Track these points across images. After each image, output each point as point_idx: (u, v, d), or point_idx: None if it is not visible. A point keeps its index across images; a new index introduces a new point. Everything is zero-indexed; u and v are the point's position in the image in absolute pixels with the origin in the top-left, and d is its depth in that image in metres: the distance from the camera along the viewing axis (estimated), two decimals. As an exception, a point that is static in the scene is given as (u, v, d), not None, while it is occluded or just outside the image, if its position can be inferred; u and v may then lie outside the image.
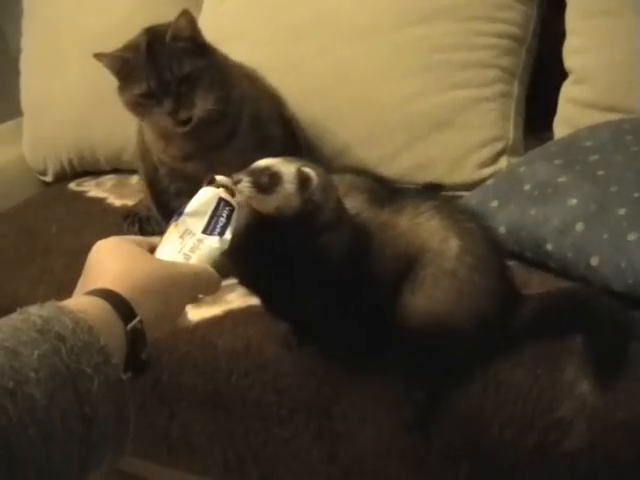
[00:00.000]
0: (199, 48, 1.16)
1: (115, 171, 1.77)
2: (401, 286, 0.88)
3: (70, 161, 1.80)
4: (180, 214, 0.72)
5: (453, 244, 0.87)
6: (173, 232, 0.71)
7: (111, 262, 0.63)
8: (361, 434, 0.96)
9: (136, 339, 0.57)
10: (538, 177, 1.07)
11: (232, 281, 1.10)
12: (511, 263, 0.99)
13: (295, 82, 1.46)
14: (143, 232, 1.39)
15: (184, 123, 1.15)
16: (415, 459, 0.94)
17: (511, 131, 1.38)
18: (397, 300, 0.88)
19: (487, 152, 1.36)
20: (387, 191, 1.00)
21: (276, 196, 0.81)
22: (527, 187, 1.07)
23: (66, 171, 1.82)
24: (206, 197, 0.73)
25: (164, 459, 1.17)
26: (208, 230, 0.71)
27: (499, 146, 1.36)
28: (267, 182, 0.80)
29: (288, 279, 0.87)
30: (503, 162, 1.35)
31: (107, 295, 0.57)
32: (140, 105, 1.17)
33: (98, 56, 1.15)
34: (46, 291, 1.23)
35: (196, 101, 1.15)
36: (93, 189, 1.71)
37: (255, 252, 0.87)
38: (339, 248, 0.87)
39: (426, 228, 0.88)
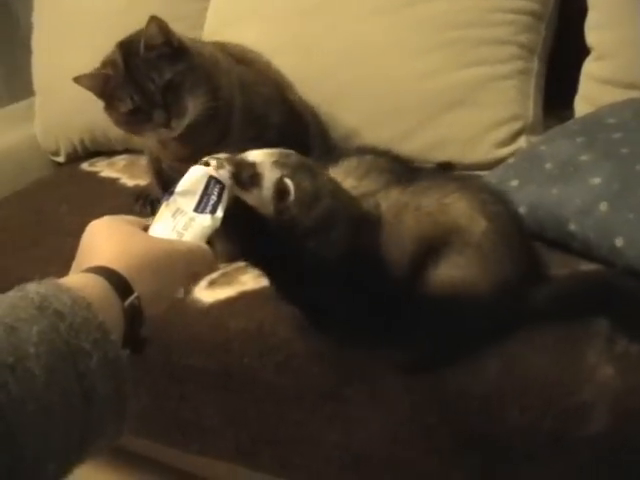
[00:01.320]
0: (176, 52, 1.12)
1: (127, 151, 1.75)
2: (424, 264, 0.86)
3: (82, 141, 1.79)
4: (171, 193, 0.71)
5: (481, 223, 0.86)
6: (165, 211, 0.70)
7: (106, 241, 0.62)
8: (374, 418, 0.95)
9: (134, 316, 0.57)
10: (559, 156, 1.04)
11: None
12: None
13: (306, 61, 1.44)
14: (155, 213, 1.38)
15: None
16: (429, 443, 0.92)
17: (530, 109, 1.34)
18: (417, 277, 0.86)
19: (505, 131, 1.33)
20: (406, 170, 0.98)
21: (252, 196, 0.80)
22: (548, 166, 1.04)
23: (78, 151, 1.82)
24: (196, 176, 0.72)
25: (175, 441, 1.16)
26: (199, 209, 0.70)
27: (518, 125, 1.33)
28: (247, 180, 0.78)
29: (284, 267, 0.86)
30: (522, 141, 1.32)
31: (104, 272, 0.57)
32: (130, 123, 1.13)
33: (77, 79, 1.11)
34: (57, 271, 1.19)
35: (187, 106, 1.11)
36: (105, 169, 1.71)
37: (247, 235, 0.86)
38: (332, 248, 0.85)
39: (455, 209, 0.87)
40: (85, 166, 1.75)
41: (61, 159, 1.86)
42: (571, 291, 0.90)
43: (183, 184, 0.72)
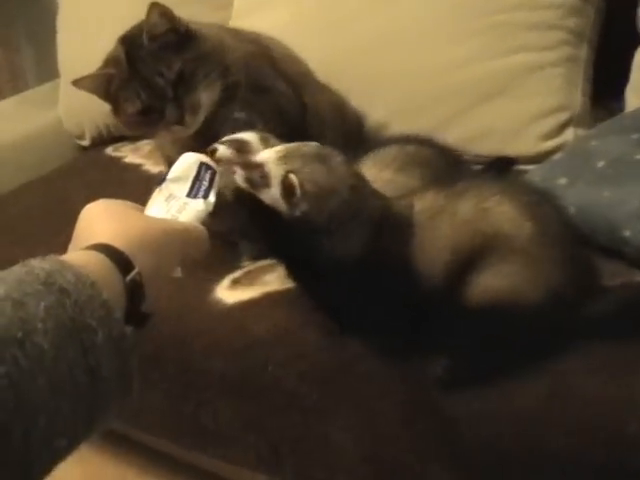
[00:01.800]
0: (183, 38, 1.02)
1: (151, 136, 1.71)
2: (462, 273, 0.80)
3: (107, 125, 1.77)
4: (163, 180, 0.72)
5: (526, 227, 0.80)
6: (158, 197, 0.71)
7: (104, 221, 0.63)
8: (403, 434, 0.89)
9: (134, 291, 0.58)
10: (613, 153, 0.97)
11: (270, 261, 1.04)
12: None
13: (336, 45, 1.39)
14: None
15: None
16: (462, 461, 0.86)
17: (578, 99, 1.28)
18: (455, 287, 0.81)
19: (551, 122, 1.26)
20: (449, 166, 0.92)
21: (266, 196, 0.79)
22: (601, 164, 0.97)
23: (103, 135, 1.80)
24: (188, 162, 0.73)
25: (194, 445, 1.12)
26: (192, 194, 0.72)
27: (564, 116, 1.26)
28: (258, 180, 0.78)
29: (304, 266, 0.84)
30: (569, 134, 1.25)
31: (105, 249, 0.58)
32: (140, 124, 1.04)
33: (77, 82, 1.03)
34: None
35: (200, 98, 1.02)
36: (130, 155, 1.67)
37: (270, 233, 0.84)
38: (351, 248, 0.81)
39: (497, 214, 0.81)
40: (109, 151, 1.73)
41: (86, 143, 1.84)
42: (627, 305, 0.83)
43: (175, 171, 0.73)
